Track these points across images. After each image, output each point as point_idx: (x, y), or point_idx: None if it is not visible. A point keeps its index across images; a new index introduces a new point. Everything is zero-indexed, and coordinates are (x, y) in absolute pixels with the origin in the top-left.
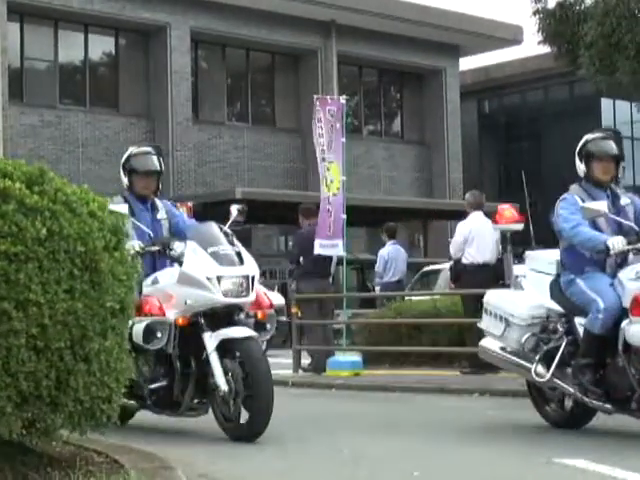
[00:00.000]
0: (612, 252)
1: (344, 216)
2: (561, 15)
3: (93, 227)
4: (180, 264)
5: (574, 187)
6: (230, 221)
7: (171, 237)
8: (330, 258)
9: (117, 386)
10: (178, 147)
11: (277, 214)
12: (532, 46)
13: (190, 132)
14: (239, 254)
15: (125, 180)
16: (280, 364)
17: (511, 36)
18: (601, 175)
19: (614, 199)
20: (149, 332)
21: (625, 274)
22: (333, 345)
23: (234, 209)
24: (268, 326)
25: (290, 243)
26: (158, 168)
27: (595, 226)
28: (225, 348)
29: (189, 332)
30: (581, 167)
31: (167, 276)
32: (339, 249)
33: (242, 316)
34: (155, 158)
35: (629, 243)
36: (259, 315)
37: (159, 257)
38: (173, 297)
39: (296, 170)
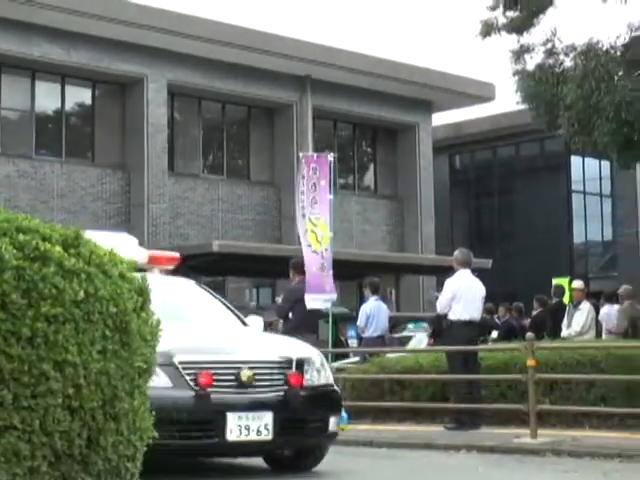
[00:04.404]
0: None
1: (330, 271)
2: (540, 77)
3: (123, 288)
4: None
5: None
6: None
7: None
8: (318, 314)
9: (141, 444)
10: (153, 199)
11: (251, 267)
12: (503, 103)
13: (165, 184)
14: None
15: None
16: None
17: (483, 93)
18: None
19: None
20: None
21: None
22: None
23: None
24: None
25: (277, 298)
26: None
27: None
28: None
29: None
30: None
31: None
32: (330, 303)
33: None
34: None
35: None
36: None
37: None
38: None
39: (270, 223)
